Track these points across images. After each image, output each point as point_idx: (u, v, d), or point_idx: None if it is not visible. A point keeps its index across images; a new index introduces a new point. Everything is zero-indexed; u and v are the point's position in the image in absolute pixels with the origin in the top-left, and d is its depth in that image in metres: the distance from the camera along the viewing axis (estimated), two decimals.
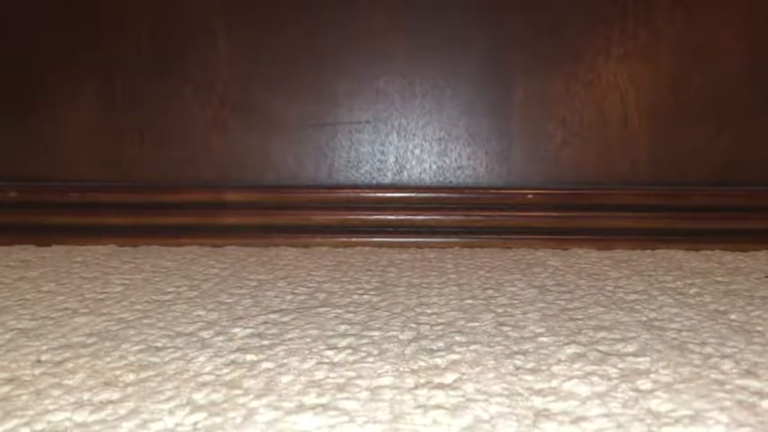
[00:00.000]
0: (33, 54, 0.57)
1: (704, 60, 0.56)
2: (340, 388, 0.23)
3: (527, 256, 0.49)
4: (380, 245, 0.54)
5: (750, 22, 0.56)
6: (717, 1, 0.55)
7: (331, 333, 0.29)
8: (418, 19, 0.56)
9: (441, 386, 0.23)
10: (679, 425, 0.20)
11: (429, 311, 0.33)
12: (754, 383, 0.23)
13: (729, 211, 0.54)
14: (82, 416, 0.21)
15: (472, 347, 0.27)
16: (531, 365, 0.25)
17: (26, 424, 0.20)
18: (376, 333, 0.29)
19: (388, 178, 0.58)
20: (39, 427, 0.20)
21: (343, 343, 0.28)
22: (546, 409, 0.21)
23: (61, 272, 0.43)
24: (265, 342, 0.28)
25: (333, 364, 0.25)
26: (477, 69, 0.56)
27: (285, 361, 0.26)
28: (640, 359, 0.26)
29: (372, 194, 0.56)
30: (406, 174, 0.58)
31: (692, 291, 0.38)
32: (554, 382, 0.23)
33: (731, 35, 0.55)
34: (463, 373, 0.24)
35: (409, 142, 0.58)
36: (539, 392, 0.22)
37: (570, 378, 0.24)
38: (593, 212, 0.55)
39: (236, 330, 0.30)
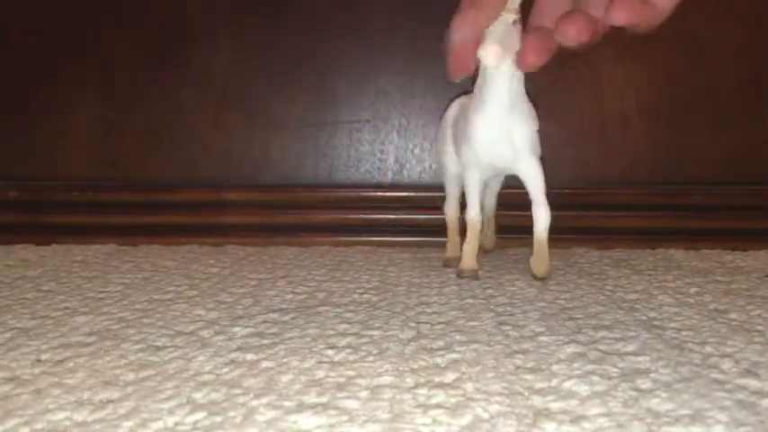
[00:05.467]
0: (33, 53, 0.57)
1: (704, 60, 0.56)
2: (340, 387, 0.23)
3: (527, 255, 0.49)
4: (380, 244, 0.54)
5: (751, 22, 0.56)
6: (718, 1, 0.55)
7: (331, 332, 0.29)
8: (418, 18, 0.56)
9: (441, 385, 0.23)
10: (679, 424, 0.20)
11: (429, 311, 0.33)
12: (753, 383, 0.23)
13: (729, 211, 0.54)
14: (82, 415, 0.21)
15: (472, 347, 0.27)
16: (531, 365, 0.25)
17: (26, 423, 0.20)
18: (376, 332, 0.29)
19: (388, 177, 0.58)
20: (38, 426, 0.20)
21: (344, 342, 0.28)
22: (546, 409, 0.21)
23: (61, 271, 0.43)
24: (265, 341, 0.28)
25: (333, 364, 0.25)
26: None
27: (285, 360, 0.26)
28: (640, 358, 0.26)
29: (372, 194, 0.56)
30: (406, 173, 0.58)
31: (692, 290, 0.38)
32: (554, 382, 0.23)
33: (732, 35, 0.55)
34: (463, 373, 0.24)
35: (409, 141, 0.58)
36: (539, 391, 0.22)
37: (570, 377, 0.24)
38: (593, 212, 0.55)
39: (236, 329, 0.30)
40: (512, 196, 0.48)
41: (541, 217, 0.39)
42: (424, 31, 0.57)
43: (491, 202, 0.48)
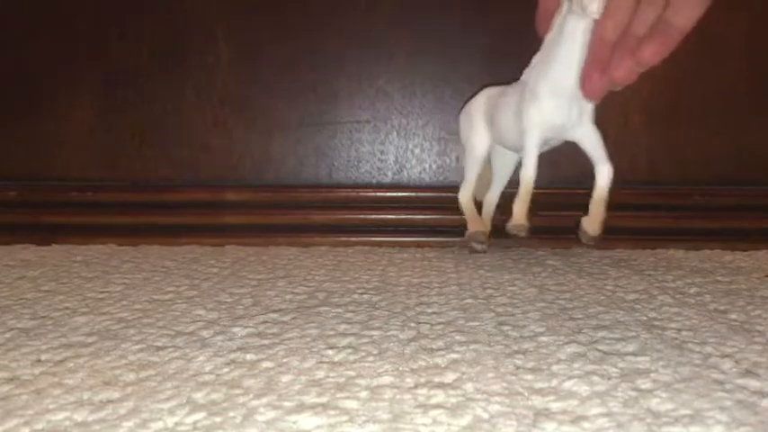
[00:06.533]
0: (33, 54, 0.57)
1: (705, 60, 0.56)
2: (340, 387, 0.23)
3: (527, 255, 0.49)
4: (380, 244, 0.54)
5: (751, 22, 0.56)
6: (717, 1, 0.55)
7: (331, 332, 0.29)
8: (418, 18, 0.56)
9: (441, 385, 0.23)
10: (679, 424, 0.20)
11: (429, 311, 0.33)
12: (753, 383, 0.23)
13: (729, 211, 0.54)
14: (82, 415, 0.21)
15: (472, 347, 0.27)
16: (531, 365, 0.25)
17: (26, 423, 0.20)
18: (376, 332, 0.29)
19: (388, 178, 0.58)
20: (38, 426, 0.20)
21: (343, 342, 0.28)
22: (546, 409, 0.21)
23: (61, 271, 0.43)
24: (265, 341, 0.28)
25: (333, 364, 0.25)
26: (478, 68, 0.56)
27: (285, 360, 0.26)
28: (640, 358, 0.26)
29: (372, 194, 0.56)
30: (406, 173, 0.58)
31: (692, 290, 0.38)
32: (554, 382, 0.23)
33: (732, 34, 0.55)
34: (463, 373, 0.24)
35: (409, 142, 0.58)
36: (539, 392, 0.22)
37: (570, 377, 0.24)
38: None
39: (236, 330, 0.30)
40: (512, 196, 0.48)
41: (604, 171, 0.39)
42: (424, 32, 0.57)
43: (493, 198, 0.48)
